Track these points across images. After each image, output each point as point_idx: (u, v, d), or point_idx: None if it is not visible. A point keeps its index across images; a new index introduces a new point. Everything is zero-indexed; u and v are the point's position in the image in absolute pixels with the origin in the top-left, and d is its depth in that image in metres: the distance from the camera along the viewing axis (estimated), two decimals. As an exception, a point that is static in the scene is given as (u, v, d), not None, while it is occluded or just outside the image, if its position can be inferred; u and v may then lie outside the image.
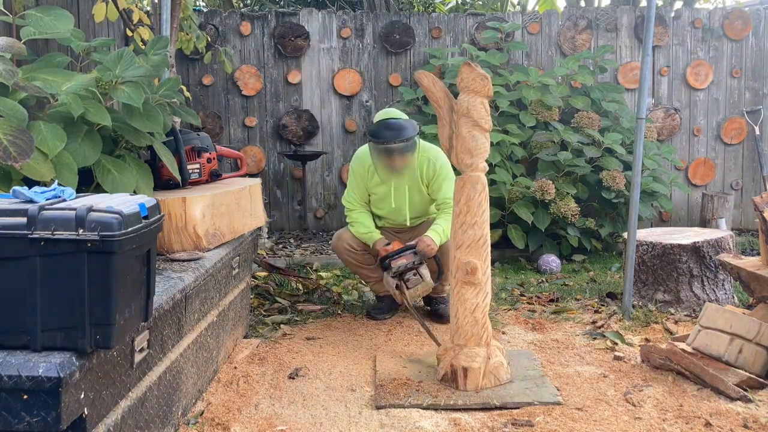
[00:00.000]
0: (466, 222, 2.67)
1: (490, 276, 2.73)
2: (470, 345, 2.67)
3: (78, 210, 1.54)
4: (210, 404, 2.54)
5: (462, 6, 7.56)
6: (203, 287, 2.54)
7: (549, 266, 4.81)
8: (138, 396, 1.91)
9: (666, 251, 3.67)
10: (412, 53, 6.18)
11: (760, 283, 2.82)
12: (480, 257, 2.67)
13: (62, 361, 1.49)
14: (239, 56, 6.09)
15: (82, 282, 1.54)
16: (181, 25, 4.56)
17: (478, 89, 2.66)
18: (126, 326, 1.67)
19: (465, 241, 2.67)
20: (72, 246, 1.53)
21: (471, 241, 2.67)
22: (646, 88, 3.49)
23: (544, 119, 5.35)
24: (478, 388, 2.63)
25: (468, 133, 2.66)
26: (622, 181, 5.00)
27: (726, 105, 6.27)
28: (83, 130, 2.40)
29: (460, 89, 2.70)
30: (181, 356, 2.31)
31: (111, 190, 2.38)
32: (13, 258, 1.52)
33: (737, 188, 6.30)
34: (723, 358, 2.71)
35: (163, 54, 2.85)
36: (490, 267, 4.71)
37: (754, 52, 6.25)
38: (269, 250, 5.33)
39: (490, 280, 2.72)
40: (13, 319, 1.54)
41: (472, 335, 2.67)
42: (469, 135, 2.66)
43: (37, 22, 2.51)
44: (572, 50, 6.09)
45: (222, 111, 6.13)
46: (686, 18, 6.21)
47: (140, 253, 1.73)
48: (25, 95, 2.27)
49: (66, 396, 1.47)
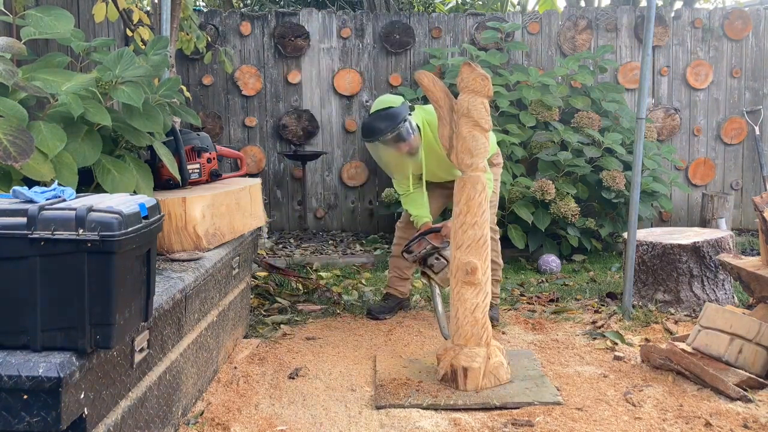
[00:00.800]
0: (466, 222, 2.67)
1: (490, 276, 2.73)
2: (470, 345, 2.67)
3: (78, 210, 1.54)
4: (210, 404, 2.54)
5: (462, 6, 7.56)
6: (203, 287, 2.54)
7: (549, 266, 4.81)
8: (138, 396, 1.91)
9: (666, 251, 3.67)
10: (412, 53, 6.18)
11: (760, 283, 2.82)
12: (480, 257, 2.67)
13: (62, 361, 1.49)
14: (239, 56, 6.09)
15: (82, 282, 1.54)
16: (181, 25, 4.56)
17: (479, 89, 2.66)
18: (126, 326, 1.67)
19: (465, 241, 2.67)
20: (72, 246, 1.53)
21: (471, 241, 2.67)
22: (646, 88, 3.49)
23: (544, 119, 5.35)
24: (478, 388, 2.63)
25: (468, 132, 2.66)
26: (622, 181, 5.00)
27: (726, 105, 6.27)
28: (83, 130, 2.40)
29: (461, 89, 2.70)
30: (181, 356, 2.31)
31: (111, 190, 2.38)
32: (13, 258, 1.52)
33: (737, 188, 6.30)
34: (723, 358, 2.71)
35: (163, 54, 2.85)
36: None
37: (754, 52, 6.25)
38: (269, 250, 5.33)
39: (490, 281, 2.72)
40: (13, 319, 1.54)
41: (472, 335, 2.67)
42: (470, 135, 2.66)
43: (37, 22, 2.51)
44: (572, 50, 6.09)
45: (222, 111, 6.13)
46: (686, 18, 6.21)
47: (140, 253, 1.73)
48: (25, 95, 2.27)
49: (66, 396, 1.47)
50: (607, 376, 2.83)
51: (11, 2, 2.99)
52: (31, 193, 1.64)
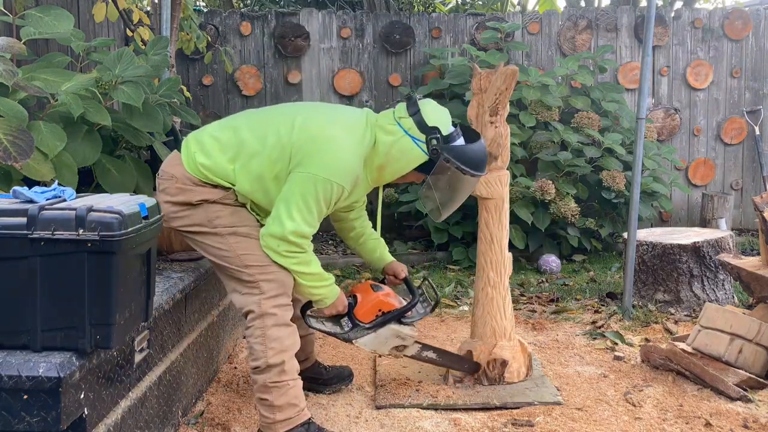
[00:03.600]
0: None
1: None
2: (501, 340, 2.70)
3: (78, 210, 1.54)
4: (210, 404, 2.54)
5: (462, 6, 7.56)
6: (203, 287, 2.54)
7: (549, 266, 4.81)
8: (138, 396, 1.91)
9: (666, 251, 3.67)
10: (412, 53, 6.18)
11: (760, 283, 2.82)
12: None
13: (62, 361, 1.49)
14: (239, 56, 6.09)
15: (82, 282, 1.54)
16: (181, 25, 4.56)
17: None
18: (126, 326, 1.67)
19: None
20: (72, 246, 1.53)
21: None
22: (646, 88, 3.49)
23: (544, 119, 5.34)
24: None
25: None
26: (622, 181, 5.00)
27: (726, 105, 6.26)
28: (83, 130, 2.40)
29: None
30: (181, 356, 2.31)
31: (111, 190, 2.38)
32: (14, 258, 1.52)
33: (737, 188, 6.30)
34: (723, 358, 2.71)
35: (162, 54, 2.86)
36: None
37: (754, 52, 6.25)
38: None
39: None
40: (14, 319, 1.54)
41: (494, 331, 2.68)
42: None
43: (37, 22, 2.51)
44: (572, 50, 6.09)
45: (222, 111, 6.12)
46: (686, 18, 6.21)
47: (140, 253, 1.73)
48: (25, 95, 2.27)
49: (66, 396, 1.47)
50: (607, 376, 2.83)
51: (11, 2, 2.99)
52: (31, 193, 1.64)
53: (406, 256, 5.14)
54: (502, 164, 2.68)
